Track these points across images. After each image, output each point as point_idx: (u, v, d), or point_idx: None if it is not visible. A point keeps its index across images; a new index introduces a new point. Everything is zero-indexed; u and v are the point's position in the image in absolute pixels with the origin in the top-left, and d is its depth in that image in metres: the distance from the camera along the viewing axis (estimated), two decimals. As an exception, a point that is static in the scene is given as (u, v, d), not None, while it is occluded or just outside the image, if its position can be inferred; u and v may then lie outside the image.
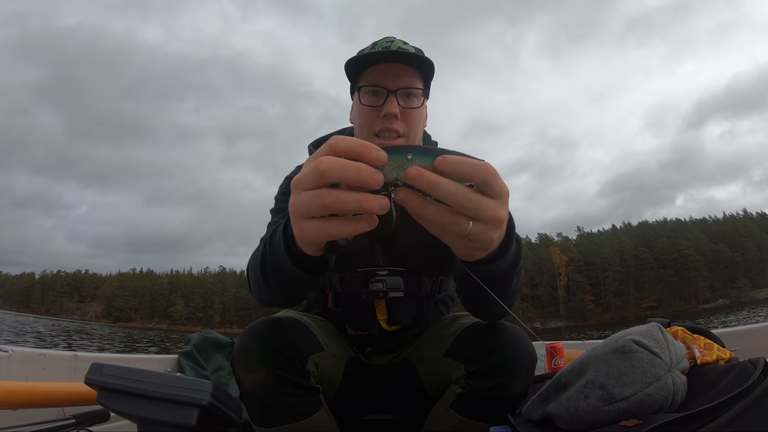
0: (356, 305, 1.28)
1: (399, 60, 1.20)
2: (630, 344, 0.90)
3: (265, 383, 1.06)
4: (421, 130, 1.29)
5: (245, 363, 1.07)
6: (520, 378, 1.11)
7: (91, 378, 1.09)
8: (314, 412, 1.13)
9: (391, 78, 1.19)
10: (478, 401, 1.12)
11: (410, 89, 1.21)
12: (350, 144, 0.55)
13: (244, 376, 1.08)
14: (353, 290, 1.27)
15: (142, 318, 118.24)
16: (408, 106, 1.21)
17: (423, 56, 1.21)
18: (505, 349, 1.11)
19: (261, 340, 1.09)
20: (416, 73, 1.22)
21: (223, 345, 2.48)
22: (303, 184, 0.58)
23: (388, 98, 1.19)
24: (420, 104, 1.24)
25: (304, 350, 1.12)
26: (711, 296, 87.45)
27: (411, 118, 1.21)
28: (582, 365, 0.96)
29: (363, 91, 1.22)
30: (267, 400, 1.08)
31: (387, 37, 1.28)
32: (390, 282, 1.22)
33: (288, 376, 1.08)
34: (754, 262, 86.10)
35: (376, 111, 1.20)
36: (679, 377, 0.90)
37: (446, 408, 1.18)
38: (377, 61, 1.21)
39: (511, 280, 0.90)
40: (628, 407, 0.86)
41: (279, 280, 0.92)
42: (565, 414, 0.94)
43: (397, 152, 0.56)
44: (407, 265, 1.26)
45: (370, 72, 1.21)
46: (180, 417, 1.06)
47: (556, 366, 1.70)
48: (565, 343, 1.83)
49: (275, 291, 0.98)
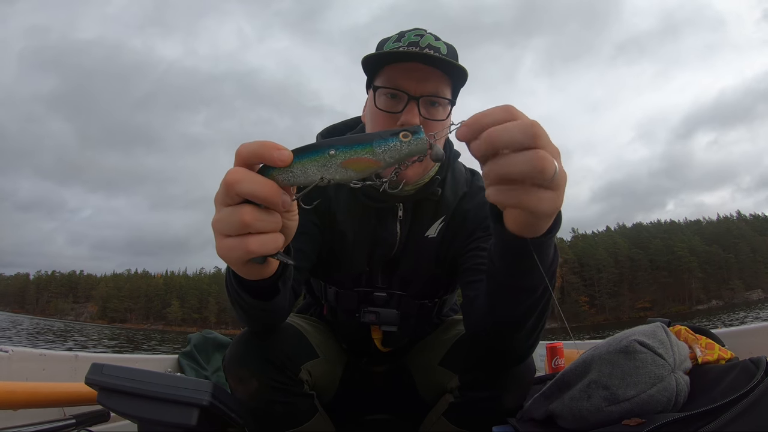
0: (350, 325, 1.24)
1: (427, 62, 1.00)
2: (634, 345, 0.90)
3: (258, 392, 1.05)
4: (441, 144, 1.12)
5: (236, 373, 1.06)
6: (514, 390, 1.09)
7: (91, 378, 1.09)
8: (309, 418, 1.12)
9: (414, 81, 1.01)
10: (471, 412, 1.10)
11: (436, 98, 1.03)
12: (250, 147, 0.50)
13: (237, 385, 1.07)
14: (347, 308, 1.22)
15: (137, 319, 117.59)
16: (431, 117, 1.03)
17: (455, 63, 1.02)
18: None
19: (252, 349, 1.07)
20: (445, 77, 1.03)
21: (223, 345, 2.47)
22: (217, 198, 0.53)
23: (408, 105, 1.01)
24: (445, 116, 1.05)
25: (297, 359, 1.10)
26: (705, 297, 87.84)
27: (432, 130, 1.00)
28: (585, 365, 0.97)
29: (380, 93, 1.04)
30: (260, 409, 1.07)
31: (416, 29, 1.08)
32: (384, 315, 1.16)
33: (280, 386, 1.06)
34: (747, 264, 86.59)
35: (393, 118, 1.02)
36: (682, 378, 0.90)
37: (439, 416, 1.17)
38: (399, 58, 1.03)
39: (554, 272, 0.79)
40: (631, 408, 0.86)
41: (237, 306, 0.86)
42: (568, 413, 0.94)
43: (315, 151, 0.51)
44: (408, 290, 1.20)
45: (390, 70, 1.03)
46: (180, 417, 1.05)
47: (557, 366, 1.69)
48: (565, 343, 1.83)
49: (241, 316, 0.92)
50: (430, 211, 1.16)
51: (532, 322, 0.85)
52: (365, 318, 1.16)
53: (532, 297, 0.79)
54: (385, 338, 1.22)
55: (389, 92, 1.04)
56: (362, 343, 1.26)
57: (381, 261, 1.19)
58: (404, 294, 1.20)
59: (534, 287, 0.77)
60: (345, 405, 1.29)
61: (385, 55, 1.04)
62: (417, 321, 1.25)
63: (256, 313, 0.87)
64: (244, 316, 0.91)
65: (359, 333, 1.23)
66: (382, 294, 1.19)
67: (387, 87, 1.03)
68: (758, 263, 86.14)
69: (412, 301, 1.21)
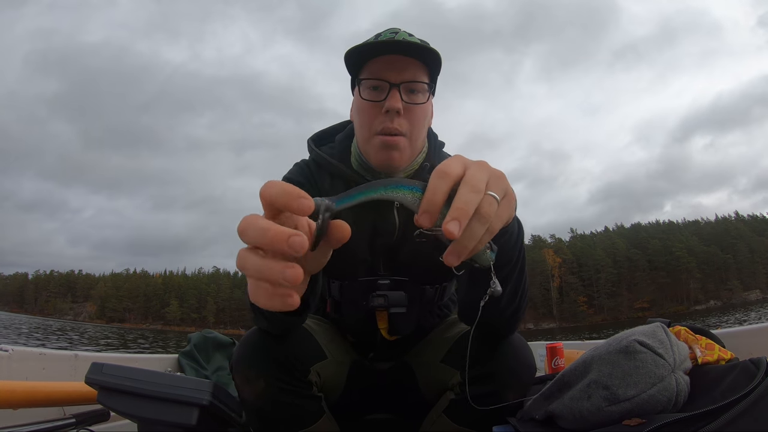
0: (356, 315, 1.24)
1: (403, 51, 1.10)
2: (634, 345, 0.90)
3: (265, 394, 1.05)
4: (425, 128, 1.20)
5: (244, 373, 1.06)
6: (515, 388, 1.09)
7: (91, 377, 1.09)
8: (316, 420, 1.13)
9: (394, 71, 1.10)
10: (472, 409, 1.09)
11: (415, 83, 1.12)
12: (271, 194, 0.47)
13: (244, 386, 1.07)
14: (353, 299, 1.22)
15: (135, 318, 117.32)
16: (412, 102, 1.12)
17: (429, 47, 1.12)
18: (501, 358, 1.09)
19: (261, 350, 1.07)
20: (422, 66, 1.13)
21: (223, 345, 2.47)
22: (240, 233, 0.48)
23: (390, 92, 1.10)
24: (425, 100, 1.15)
25: (306, 360, 1.11)
26: (703, 298, 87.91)
27: (414, 115, 1.12)
28: (585, 365, 0.97)
29: (364, 85, 1.13)
30: (267, 410, 1.07)
31: (391, 28, 1.19)
32: (392, 297, 1.17)
33: (289, 387, 1.07)
34: (745, 264, 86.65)
35: (378, 106, 1.11)
36: (682, 378, 0.91)
37: (440, 413, 1.18)
38: (379, 53, 1.11)
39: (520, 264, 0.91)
40: (631, 408, 0.87)
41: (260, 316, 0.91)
42: (568, 413, 0.94)
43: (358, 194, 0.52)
44: (410, 275, 1.22)
45: (371, 65, 1.12)
46: (180, 417, 1.06)
47: (557, 366, 1.69)
48: (565, 343, 1.83)
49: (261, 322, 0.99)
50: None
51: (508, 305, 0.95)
52: (374, 302, 1.17)
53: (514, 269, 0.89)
54: (391, 326, 1.22)
55: (372, 84, 1.12)
56: (369, 334, 1.26)
57: (382, 249, 1.21)
58: (407, 280, 1.21)
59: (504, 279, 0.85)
60: (348, 405, 1.29)
61: (365, 48, 1.12)
62: (421, 307, 1.26)
63: (282, 325, 0.93)
64: (266, 323, 0.95)
65: (365, 325, 1.24)
66: (385, 281, 1.20)
67: (370, 78, 1.12)
68: (756, 264, 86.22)
69: (415, 286, 1.22)
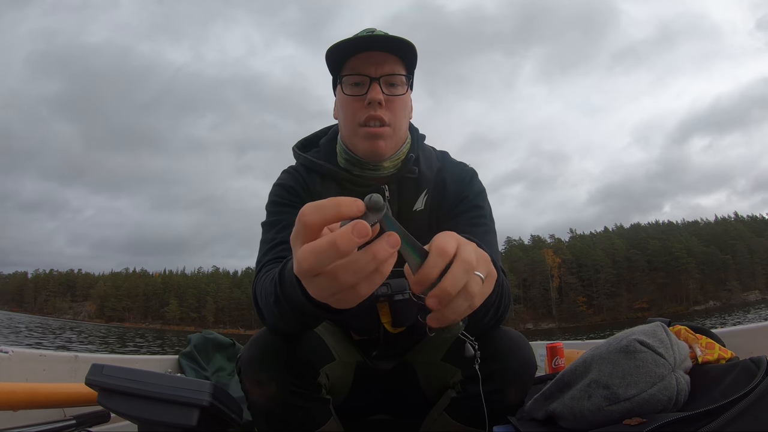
0: (358, 309, 1.24)
1: (380, 47, 1.17)
2: (634, 344, 0.91)
3: (276, 397, 1.05)
4: (406, 120, 1.26)
5: (255, 376, 1.06)
6: (516, 385, 1.10)
7: (91, 379, 1.09)
8: (324, 422, 1.12)
9: (373, 65, 1.16)
10: (473, 406, 1.09)
11: (393, 76, 1.18)
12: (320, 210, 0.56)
13: (254, 389, 1.06)
14: None
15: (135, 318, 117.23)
16: (392, 94, 1.18)
17: (404, 40, 1.17)
18: (502, 356, 1.09)
19: (272, 352, 1.06)
20: (399, 60, 1.19)
21: (223, 345, 2.47)
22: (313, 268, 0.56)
23: (371, 86, 1.16)
24: (404, 92, 1.21)
25: (316, 363, 1.11)
26: (702, 298, 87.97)
27: (395, 106, 1.18)
28: (585, 364, 0.97)
29: (345, 82, 1.19)
30: (276, 413, 1.07)
31: (367, 28, 1.26)
32: (395, 285, 1.17)
33: (300, 390, 1.06)
34: (744, 265, 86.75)
35: (360, 100, 1.17)
36: (682, 377, 0.91)
37: (441, 412, 1.18)
38: (357, 50, 1.18)
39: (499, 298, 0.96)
40: (631, 407, 0.87)
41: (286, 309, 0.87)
42: (569, 413, 0.94)
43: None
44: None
45: (351, 62, 1.18)
46: (180, 417, 1.06)
47: (557, 366, 1.69)
48: (565, 343, 1.83)
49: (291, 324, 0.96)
50: (413, 187, 1.26)
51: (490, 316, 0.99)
52: (378, 291, 1.15)
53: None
54: (394, 317, 1.22)
55: (354, 80, 1.18)
56: (372, 331, 1.26)
57: None
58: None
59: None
60: (351, 406, 1.29)
61: (344, 45, 1.17)
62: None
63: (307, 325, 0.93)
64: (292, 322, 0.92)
65: (368, 316, 1.23)
66: None
67: (351, 74, 1.18)
68: (755, 264, 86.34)
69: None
